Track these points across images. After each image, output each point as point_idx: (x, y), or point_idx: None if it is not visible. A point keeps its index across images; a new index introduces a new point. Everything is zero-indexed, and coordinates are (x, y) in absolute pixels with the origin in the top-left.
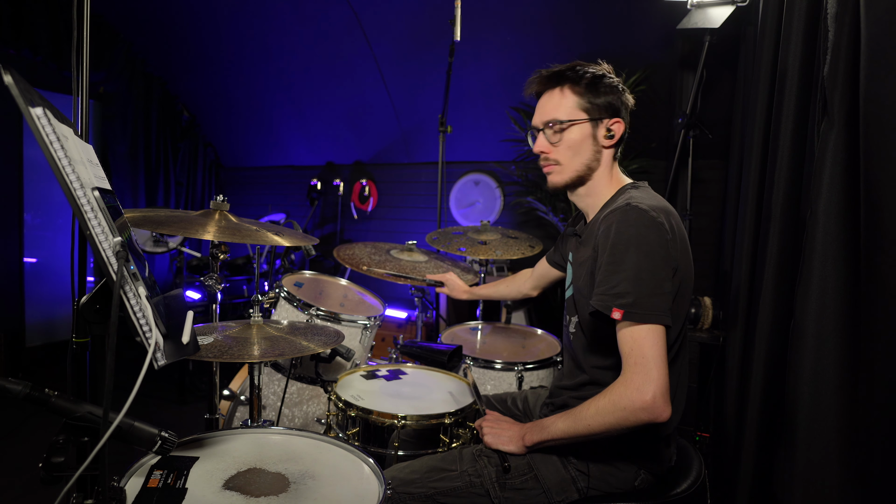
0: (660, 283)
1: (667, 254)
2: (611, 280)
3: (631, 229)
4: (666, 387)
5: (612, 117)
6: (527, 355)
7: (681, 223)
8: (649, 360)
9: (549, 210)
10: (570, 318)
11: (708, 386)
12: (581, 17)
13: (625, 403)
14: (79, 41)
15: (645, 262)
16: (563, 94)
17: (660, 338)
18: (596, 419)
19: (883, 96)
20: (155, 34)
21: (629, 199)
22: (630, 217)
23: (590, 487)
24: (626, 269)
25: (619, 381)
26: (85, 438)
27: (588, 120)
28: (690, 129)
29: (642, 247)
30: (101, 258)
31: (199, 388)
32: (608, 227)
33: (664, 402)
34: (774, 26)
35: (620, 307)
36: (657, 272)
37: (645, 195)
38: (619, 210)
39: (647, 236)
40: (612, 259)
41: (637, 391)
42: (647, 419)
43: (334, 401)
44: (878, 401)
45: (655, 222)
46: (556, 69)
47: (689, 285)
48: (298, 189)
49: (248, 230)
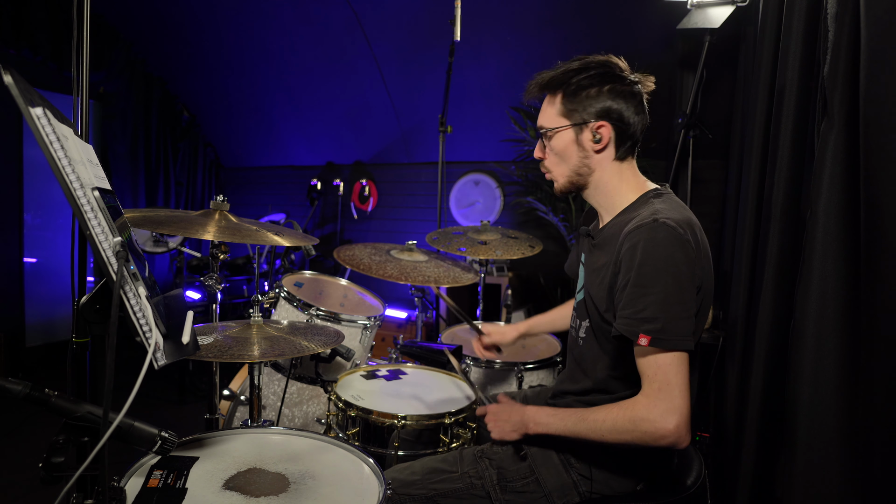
0: (686, 308)
1: (692, 273)
2: (637, 303)
3: (659, 250)
4: (689, 415)
5: (599, 120)
6: (527, 355)
7: (703, 234)
8: (674, 388)
9: (549, 210)
10: (581, 323)
11: (708, 386)
12: (581, 16)
13: (646, 427)
14: (79, 41)
15: (673, 285)
16: (549, 102)
17: (684, 365)
18: (612, 435)
19: (883, 96)
20: (155, 34)
21: (655, 214)
22: (658, 236)
23: (592, 491)
24: (654, 293)
25: (640, 403)
26: (85, 438)
27: (570, 126)
28: (690, 129)
29: (670, 268)
30: (101, 258)
31: (199, 388)
32: (634, 246)
33: (686, 432)
34: (774, 26)
35: (647, 333)
36: (684, 295)
37: (670, 207)
38: (645, 227)
39: (675, 256)
40: (638, 281)
41: (661, 418)
42: (666, 445)
43: (334, 401)
44: (879, 401)
45: (682, 240)
46: (544, 76)
47: (709, 300)
48: (298, 189)
49: (248, 230)
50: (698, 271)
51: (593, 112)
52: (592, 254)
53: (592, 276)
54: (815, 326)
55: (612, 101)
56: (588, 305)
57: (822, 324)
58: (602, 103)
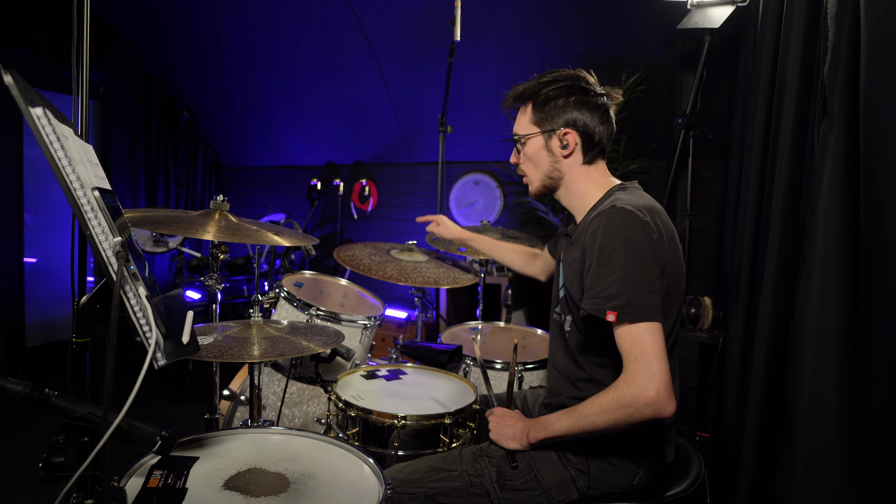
0: (650, 282)
1: (654, 252)
2: (601, 283)
3: (618, 231)
4: (669, 381)
5: (565, 128)
6: (527, 355)
7: (668, 221)
8: (650, 356)
9: (549, 210)
10: (565, 317)
11: (708, 386)
12: (581, 17)
13: (629, 400)
14: (79, 41)
15: (634, 262)
16: (523, 111)
17: (658, 333)
18: (601, 416)
19: (883, 96)
20: (155, 34)
21: (614, 201)
22: (616, 219)
23: (590, 487)
24: (616, 271)
25: (621, 379)
26: (85, 438)
27: (540, 133)
28: (690, 129)
29: (630, 247)
30: (101, 258)
31: (199, 388)
32: (595, 230)
33: (668, 397)
34: (774, 26)
35: (613, 309)
36: (646, 271)
37: (630, 196)
38: (605, 213)
39: (634, 236)
40: (600, 262)
41: (640, 387)
42: (651, 415)
43: (334, 401)
44: (878, 401)
45: (641, 221)
46: (518, 90)
47: (679, 283)
48: (298, 189)
49: (248, 230)
50: (661, 251)
51: (560, 121)
52: (568, 251)
53: (568, 270)
54: (815, 326)
55: (577, 112)
56: (569, 300)
57: (822, 324)
58: (568, 113)
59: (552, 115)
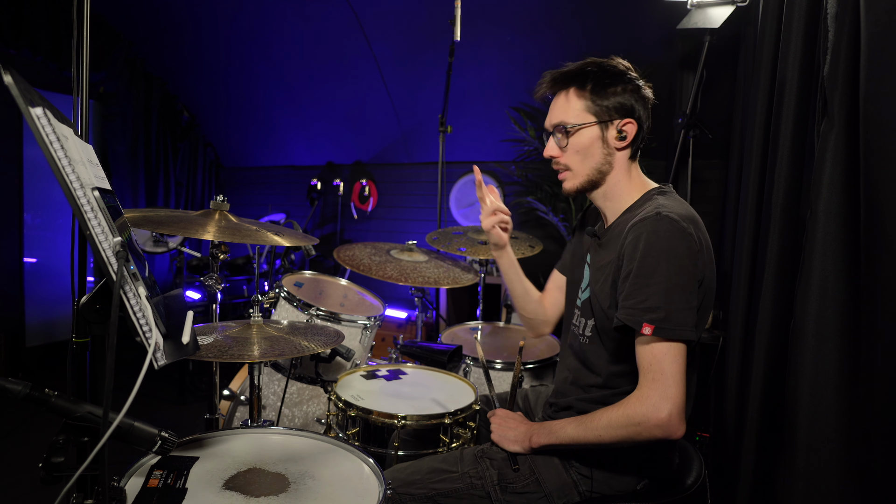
0: (688, 299)
1: (695, 267)
2: (640, 293)
3: (662, 241)
4: (683, 405)
5: (624, 118)
6: (526, 355)
7: (706, 231)
8: (668, 378)
9: (549, 210)
10: (587, 322)
11: (708, 386)
12: (581, 16)
13: (639, 419)
14: (79, 41)
15: (675, 276)
16: (570, 97)
17: (681, 355)
18: (608, 431)
19: (883, 96)
20: (155, 34)
21: (659, 208)
22: (660, 227)
23: (592, 491)
24: (657, 283)
25: (634, 396)
26: (85, 438)
27: (596, 123)
28: (690, 129)
29: (673, 260)
30: (101, 258)
31: (199, 388)
32: (637, 238)
33: (679, 421)
34: (774, 26)
35: (651, 322)
36: (686, 286)
37: (673, 203)
38: (649, 220)
39: (678, 248)
40: (641, 271)
41: (653, 408)
42: (660, 436)
43: (334, 401)
44: (879, 401)
45: (685, 233)
46: (564, 70)
47: (711, 296)
48: (298, 189)
49: (248, 230)
50: (700, 265)
51: (620, 109)
52: (598, 253)
53: (597, 273)
54: (815, 326)
55: (633, 100)
56: (594, 304)
57: (822, 324)
58: (629, 100)
59: (611, 103)
